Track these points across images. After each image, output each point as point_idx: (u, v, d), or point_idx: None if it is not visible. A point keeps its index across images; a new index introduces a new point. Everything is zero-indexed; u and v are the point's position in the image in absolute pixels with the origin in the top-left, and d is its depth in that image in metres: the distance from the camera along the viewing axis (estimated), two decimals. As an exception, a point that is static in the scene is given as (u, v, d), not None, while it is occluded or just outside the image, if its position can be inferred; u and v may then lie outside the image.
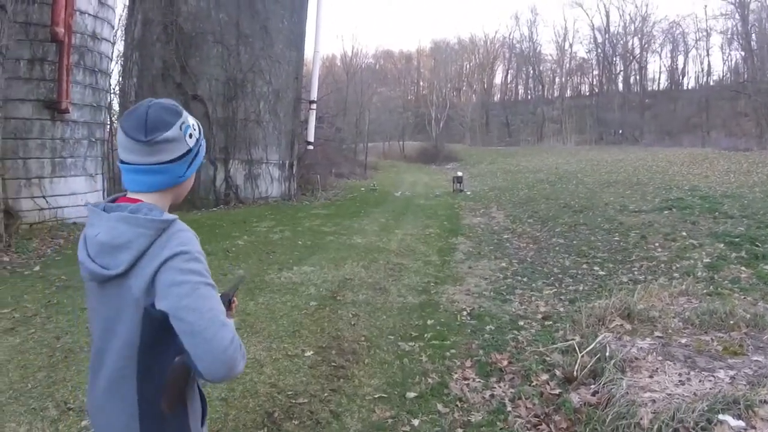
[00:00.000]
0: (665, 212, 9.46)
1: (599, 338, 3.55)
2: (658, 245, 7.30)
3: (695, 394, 2.76)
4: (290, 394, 3.17)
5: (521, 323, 4.49)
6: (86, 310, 4.33)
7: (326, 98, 27.01)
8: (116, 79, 14.50)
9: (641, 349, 3.42)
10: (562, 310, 4.91)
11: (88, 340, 3.92)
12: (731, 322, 3.82)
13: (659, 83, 46.60)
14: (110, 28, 10.39)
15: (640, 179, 15.05)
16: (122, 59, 14.15)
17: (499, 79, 58.43)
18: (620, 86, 44.13)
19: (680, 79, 44.48)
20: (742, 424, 2.39)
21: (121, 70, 14.31)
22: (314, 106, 16.56)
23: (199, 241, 1.19)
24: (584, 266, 6.74)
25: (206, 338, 1.04)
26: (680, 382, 2.94)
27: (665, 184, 13.53)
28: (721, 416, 2.44)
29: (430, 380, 3.38)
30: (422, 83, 61.21)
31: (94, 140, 9.56)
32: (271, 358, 3.68)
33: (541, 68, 51.33)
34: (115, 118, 15.35)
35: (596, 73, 48.26)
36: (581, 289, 5.73)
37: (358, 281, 5.85)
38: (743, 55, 36.13)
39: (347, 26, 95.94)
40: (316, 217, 11.15)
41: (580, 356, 3.32)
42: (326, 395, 3.16)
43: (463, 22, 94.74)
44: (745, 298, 4.80)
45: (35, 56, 8.13)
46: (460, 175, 19.12)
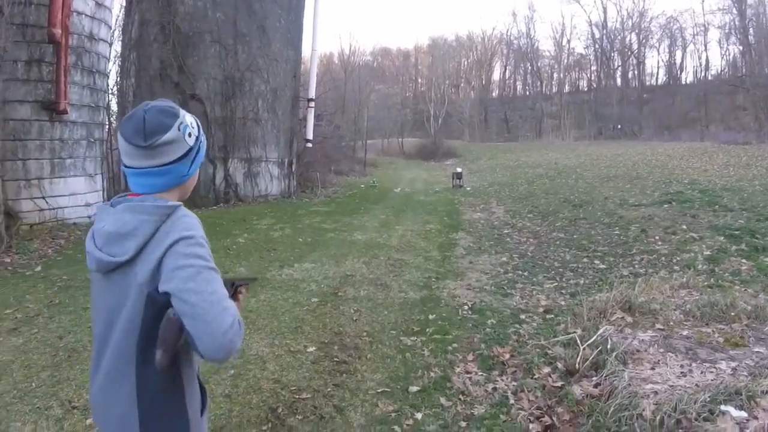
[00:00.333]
0: (665, 206, 9.46)
1: (601, 331, 3.55)
2: (658, 238, 7.31)
3: (697, 385, 2.77)
4: (293, 389, 3.17)
5: (522, 317, 4.50)
6: (89, 308, 4.32)
7: (324, 96, 27.01)
8: (114, 79, 14.48)
9: (643, 341, 3.43)
10: (563, 303, 4.91)
11: (91, 339, 3.93)
12: (732, 313, 3.83)
13: (657, 78, 46.72)
14: (107, 28, 10.39)
15: (639, 173, 15.03)
16: (120, 59, 14.11)
17: (497, 75, 58.59)
18: (618, 81, 44.16)
19: (678, 73, 44.61)
20: (744, 414, 2.40)
21: (118, 70, 14.26)
22: (312, 104, 16.56)
23: (202, 226, 1.21)
24: (585, 260, 6.74)
25: (207, 321, 1.06)
26: (682, 373, 2.95)
27: (665, 178, 13.51)
28: (723, 407, 2.45)
29: (432, 374, 3.39)
30: (420, 80, 61.23)
31: (92, 140, 9.56)
32: (273, 354, 3.69)
33: (539, 64, 51.39)
34: (113, 118, 15.33)
35: (594, 68, 48.37)
36: (582, 282, 5.74)
37: (359, 277, 5.86)
38: (741, 49, 36.24)
39: (345, 24, 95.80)
40: (316, 214, 11.16)
41: (581, 349, 3.33)
42: (329, 390, 3.17)
43: (460, 18, 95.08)
44: (745, 290, 4.80)
45: (33, 58, 8.13)
46: (459, 171, 19.08)
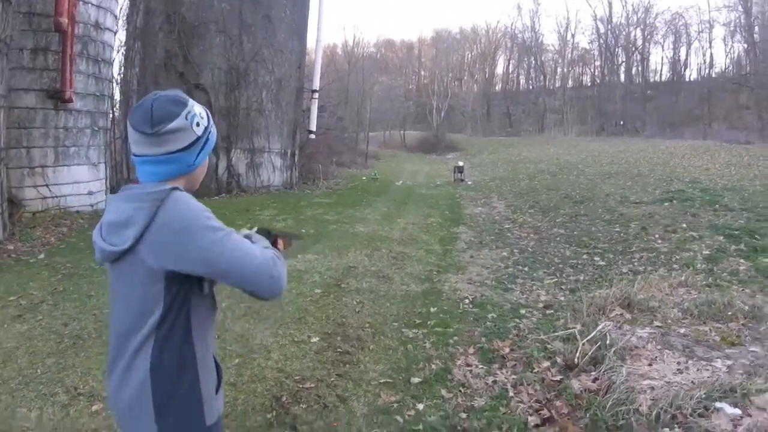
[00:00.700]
0: (666, 204, 9.48)
1: (600, 327, 3.61)
2: (658, 236, 7.34)
3: (693, 382, 2.82)
4: (297, 378, 3.23)
5: (523, 312, 4.55)
6: (93, 297, 4.37)
7: (328, 87, 26.91)
8: (118, 68, 14.45)
9: (641, 337, 3.49)
10: (562, 299, 4.97)
11: (96, 326, 3.98)
12: (729, 313, 3.87)
13: (661, 75, 46.38)
14: (113, 17, 10.38)
15: (641, 171, 15.03)
16: (124, 49, 14.09)
17: (500, 69, 58.17)
18: (622, 77, 43.86)
19: (682, 70, 44.27)
20: (738, 411, 2.45)
21: (123, 59, 14.24)
22: (316, 95, 16.54)
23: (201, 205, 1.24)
24: (585, 256, 6.79)
25: (253, 280, 1.20)
26: (678, 370, 3.01)
27: (666, 175, 13.52)
28: (718, 404, 2.51)
29: (433, 366, 3.45)
30: (423, 73, 60.87)
31: (97, 129, 9.59)
32: (277, 343, 3.75)
33: (542, 58, 51.03)
34: (117, 107, 15.32)
35: (598, 63, 47.99)
36: (582, 278, 5.79)
37: (361, 269, 5.92)
38: (746, 47, 35.99)
39: (349, 16, 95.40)
40: (318, 205, 11.20)
41: (580, 344, 3.39)
42: (333, 380, 3.23)
43: (464, 11, 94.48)
44: (743, 289, 4.84)
45: (39, 46, 8.15)
46: (461, 164, 19.07)
